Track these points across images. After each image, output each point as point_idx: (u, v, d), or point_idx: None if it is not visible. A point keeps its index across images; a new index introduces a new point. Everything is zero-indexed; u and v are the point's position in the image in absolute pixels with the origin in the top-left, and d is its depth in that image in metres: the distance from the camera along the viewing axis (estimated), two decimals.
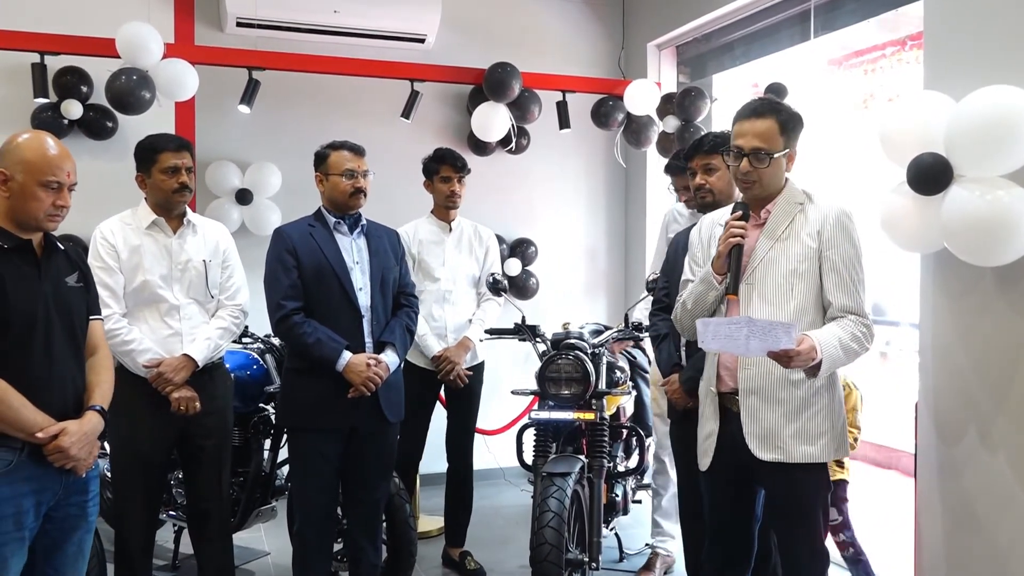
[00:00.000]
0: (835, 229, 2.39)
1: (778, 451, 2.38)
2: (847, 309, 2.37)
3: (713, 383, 2.50)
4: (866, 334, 2.37)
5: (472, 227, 4.02)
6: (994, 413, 2.69)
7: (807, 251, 2.39)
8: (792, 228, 2.42)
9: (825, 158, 4.77)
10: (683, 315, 2.59)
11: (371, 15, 4.84)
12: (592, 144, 5.62)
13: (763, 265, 2.42)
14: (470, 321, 3.90)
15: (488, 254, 4.00)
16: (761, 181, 2.41)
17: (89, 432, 2.25)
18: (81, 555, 2.33)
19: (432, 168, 3.88)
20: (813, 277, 2.40)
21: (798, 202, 2.45)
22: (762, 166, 2.38)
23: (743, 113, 2.45)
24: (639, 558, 3.99)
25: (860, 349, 2.36)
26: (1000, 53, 2.65)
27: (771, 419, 2.39)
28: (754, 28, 4.72)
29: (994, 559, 2.69)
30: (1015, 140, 2.43)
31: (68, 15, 4.48)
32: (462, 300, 3.91)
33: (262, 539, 4.22)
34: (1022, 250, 2.48)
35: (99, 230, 3.01)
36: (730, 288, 2.41)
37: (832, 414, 2.43)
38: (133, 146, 3.09)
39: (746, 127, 2.41)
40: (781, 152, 2.39)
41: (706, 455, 2.54)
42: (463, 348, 3.82)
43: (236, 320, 3.15)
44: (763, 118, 2.40)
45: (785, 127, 2.40)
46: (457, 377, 3.77)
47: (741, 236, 2.40)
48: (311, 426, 3.02)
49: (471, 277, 3.96)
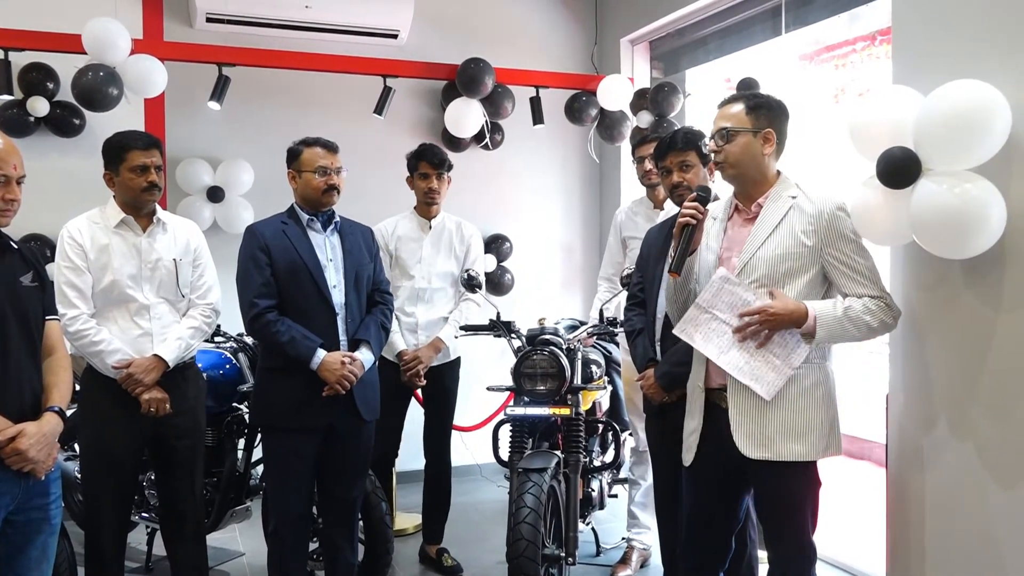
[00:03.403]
0: (830, 225, 2.41)
1: (766, 449, 2.38)
2: (864, 295, 2.39)
3: (701, 379, 2.50)
4: (884, 308, 2.38)
5: (455, 224, 3.95)
6: (963, 404, 2.73)
7: (801, 248, 2.40)
8: (786, 222, 2.43)
9: (798, 152, 4.81)
10: (669, 307, 2.67)
11: (343, 10, 4.81)
12: (566, 139, 5.63)
13: (752, 262, 2.43)
14: (445, 319, 3.87)
15: (470, 252, 3.94)
16: (728, 159, 2.45)
17: (48, 434, 2.21)
18: (45, 558, 2.29)
19: (412, 164, 3.85)
20: (807, 273, 2.41)
21: (791, 195, 2.47)
22: (725, 143, 2.43)
23: (720, 104, 2.53)
24: (615, 552, 4.00)
25: (874, 322, 2.36)
26: (967, 48, 2.68)
27: (760, 416, 2.39)
28: (726, 23, 4.74)
29: (964, 546, 2.73)
30: (982, 134, 2.45)
31: (33, 10, 4.41)
32: (438, 298, 3.88)
33: (237, 540, 4.19)
34: (990, 243, 2.51)
35: (66, 229, 2.96)
36: (673, 266, 2.45)
37: (822, 412, 2.42)
38: (101, 144, 3.04)
39: (718, 114, 2.50)
40: (747, 129, 2.43)
41: (690, 451, 2.54)
42: (433, 348, 3.79)
43: (208, 319, 3.11)
44: (734, 103, 2.49)
45: (753, 108, 2.45)
46: (415, 377, 3.72)
47: (692, 217, 2.43)
48: (286, 425, 2.99)
49: (449, 276, 3.91)
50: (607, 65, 5.54)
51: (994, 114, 2.44)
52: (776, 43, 4.39)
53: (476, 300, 3.92)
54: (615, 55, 5.47)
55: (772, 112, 2.47)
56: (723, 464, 2.47)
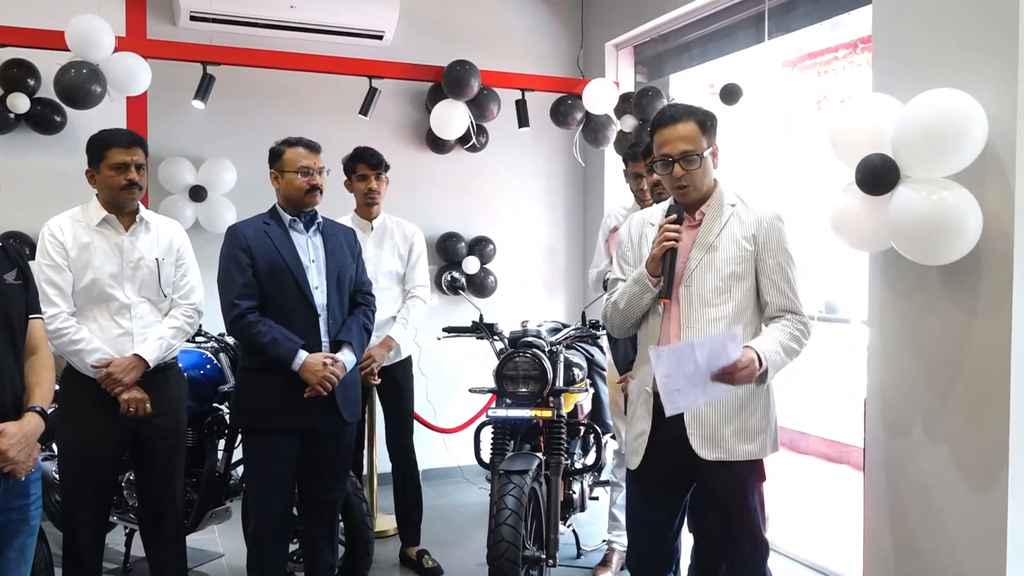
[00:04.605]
0: (769, 233, 2.46)
1: (720, 450, 2.43)
2: (785, 308, 2.45)
3: (648, 383, 2.50)
4: (803, 331, 2.45)
5: (396, 224, 4.01)
6: (939, 408, 2.76)
7: (743, 253, 2.45)
8: (727, 230, 2.47)
9: (780, 158, 4.85)
10: (613, 313, 2.60)
11: (328, 10, 4.80)
12: (551, 143, 5.64)
13: (700, 267, 2.46)
14: (394, 319, 3.89)
15: (413, 250, 4.00)
16: (694, 183, 2.46)
17: (29, 434, 2.19)
18: (23, 560, 2.27)
19: (350, 167, 3.90)
20: (749, 278, 2.46)
21: (730, 203, 2.50)
22: (693, 167, 2.43)
23: (661, 122, 2.48)
24: (596, 554, 4.01)
25: (799, 347, 2.44)
26: (946, 57, 2.72)
27: (712, 419, 2.44)
28: (710, 29, 4.78)
29: (939, 548, 2.76)
30: (959, 142, 2.49)
31: (15, 6, 4.37)
32: (385, 298, 3.85)
33: (216, 540, 4.17)
34: (966, 249, 2.54)
35: (47, 227, 2.94)
36: (663, 292, 2.44)
37: (768, 412, 2.51)
38: (82, 141, 3.02)
39: (668, 134, 2.45)
40: (707, 150, 2.45)
41: (636, 454, 2.56)
42: (384, 347, 3.81)
43: (190, 319, 3.10)
44: (682, 122, 2.44)
45: (703, 126, 2.45)
46: (369, 375, 3.72)
47: (675, 240, 2.43)
48: (267, 427, 2.98)
49: (394, 275, 3.95)
50: (592, 69, 5.56)
51: (971, 123, 2.48)
52: (759, 49, 4.43)
53: (423, 298, 3.98)
54: (600, 59, 5.50)
55: (715, 124, 2.49)
56: (670, 467, 2.51)
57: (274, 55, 4.75)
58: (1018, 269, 2.52)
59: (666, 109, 2.51)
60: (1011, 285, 2.52)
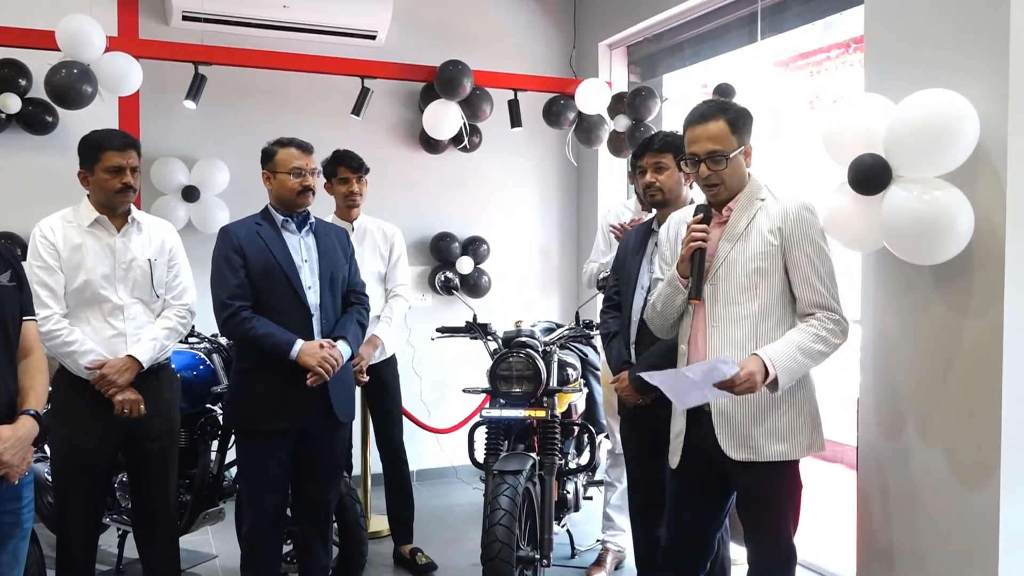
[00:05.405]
0: (795, 225, 2.39)
1: (750, 450, 2.39)
2: (815, 304, 2.38)
3: None
4: (834, 330, 2.36)
5: (377, 225, 4.03)
6: (931, 408, 2.77)
7: (769, 248, 2.39)
8: (753, 225, 2.42)
9: (773, 158, 4.85)
10: (653, 315, 2.59)
11: (321, 10, 4.80)
12: (544, 143, 5.64)
13: (726, 265, 2.43)
14: (378, 318, 3.89)
15: (393, 250, 4.01)
16: (724, 183, 2.42)
17: (23, 437, 2.18)
18: (16, 563, 2.26)
19: (330, 170, 3.91)
20: (777, 274, 2.40)
21: (759, 198, 2.45)
22: (720, 168, 2.39)
23: (692, 119, 2.44)
24: (590, 554, 4.02)
25: (827, 348, 2.35)
26: (937, 57, 2.72)
27: (741, 418, 2.40)
28: (703, 29, 4.78)
29: (932, 547, 2.77)
30: (951, 142, 2.50)
31: (5, 5, 4.34)
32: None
33: (209, 542, 4.16)
34: (958, 249, 2.55)
35: (39, 228, 2.92)
36: (692, 293, 2.40)
37: (802, 411, 2.43)
38: (74, 141, 3.00)
39: (698, 132, 2.41)
40: (736, 150, 2.40)
41: (675, 453, 2.54)
42: (371, 345, 3.82)
43: (183, 320, 3.09)
44: (713, 120, 2.40)
45: (735, 125, 2.40)
46: (357, 374, 3.72)
47: (703, 240, 2.39)
48: (261, 428, 2.97)
49: (376, 274, 3.96)
50: (585, 69, 5.56)
51: (963, 123, 2.49)
52: (752, 49, 4.43)
53: (405, 296, 4.00)
54: (593, 59, 5.50)
55: (748, 122, 2.45)
56: (707, 466, 2.48)
57: (266, 55, 4.75)
58: (1009, 269, 2.53)
59: (699, 106, 2.47)
60: (1002, 285, 2.53)
